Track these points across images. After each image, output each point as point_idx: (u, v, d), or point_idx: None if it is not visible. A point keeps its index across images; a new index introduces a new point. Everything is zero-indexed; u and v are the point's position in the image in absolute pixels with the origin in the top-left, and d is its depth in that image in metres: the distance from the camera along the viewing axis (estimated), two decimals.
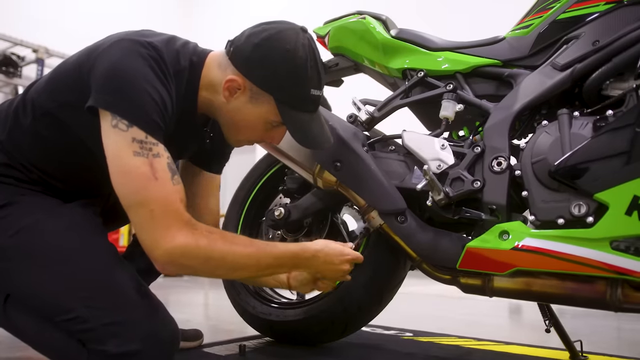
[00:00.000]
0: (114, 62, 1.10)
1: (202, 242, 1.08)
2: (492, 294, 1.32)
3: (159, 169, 1.07)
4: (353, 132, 1.55)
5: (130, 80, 1.08)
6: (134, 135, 1.06)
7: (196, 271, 1.13)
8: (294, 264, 1.26)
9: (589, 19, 1.36)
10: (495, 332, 2.33)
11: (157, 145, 1.09)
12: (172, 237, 1.05)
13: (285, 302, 1.79)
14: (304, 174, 1.60)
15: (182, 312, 2.68)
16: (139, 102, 1.08)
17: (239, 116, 1.24)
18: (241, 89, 1.20)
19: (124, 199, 1.07)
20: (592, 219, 1.17)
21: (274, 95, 1.20)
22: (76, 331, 1.13)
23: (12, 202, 1.20)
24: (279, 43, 1.18)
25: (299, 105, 1.22)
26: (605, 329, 2.56)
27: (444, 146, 1.43)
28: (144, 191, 1.05)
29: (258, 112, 1.22)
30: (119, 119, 1.06)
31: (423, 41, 1.65)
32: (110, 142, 1.07)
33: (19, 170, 1.24)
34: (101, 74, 1.10)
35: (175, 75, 1.19)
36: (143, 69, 1.11)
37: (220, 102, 1.24)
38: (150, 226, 1.05)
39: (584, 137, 1.22)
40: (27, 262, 1.15)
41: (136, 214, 1.06)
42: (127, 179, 1.06)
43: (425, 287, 4.51)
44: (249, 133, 1.28)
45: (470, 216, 1.35)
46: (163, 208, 1.05)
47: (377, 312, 1.69)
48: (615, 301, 1.19)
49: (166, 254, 1.06)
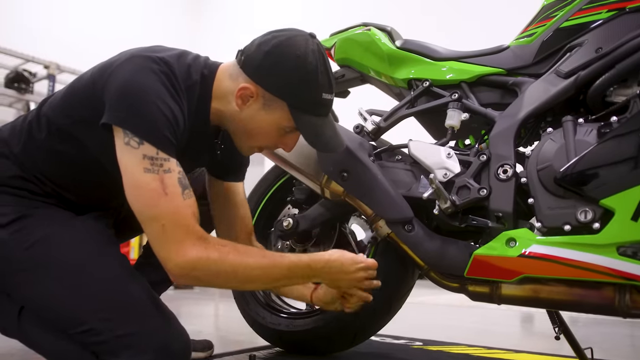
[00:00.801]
0: (127, 78, 1.13)
1: (213, 255, 1.11)
2: (500, 302, 1.33)
3: (169, 185, 1.09)
4: (359, 142, 1.56)
5: (141, 97, 1.11)
6: (145, 152, 1.09)
7: (209, 283, 1.18)
8: (307, 275, 1.26)
9: (592, 26, 1.37)
10: (505, 340, 2.32)
11: (168, 161, 1.11)
12: (183, 251, 1.08)
13: (294, 312, 1.80)
14: (311, 184, 1.62)
15: (193, 324, 2.69)
16: (150, 118, 1.10)
17: (252, 124, 1.25)
18: (254, 97, 1.22)
19: (138, 214, 1.11)
20: (598, 225, 1.17)
21: (287, 100, 1.21)
22: (90, 343, 1.14)
23: (27, 215, 1.21)
24: (290, 49, 1.20)
25: (311, 109, 1.23)
26: (617, 336, 2.54)
27: (450, 155, 1.44)
28: (155, 207, 1.08)
29: (271, 119, 1.23)
30: (131, 136, 1.09)
31: (428, 51, 1.67)
32: (123, 159, 1.11)
33: (33, 183, 1.26)
34: (114, 91, 1.13)
35: (187, 90, 1.22)
36: (155, 85, 1.13)
37: (232, 111, 1.25)
38: (162, 240, 1.09)
39: (589, 144, 1.23)
40: (42, 274, 1.17)
41: (149, 228, 1.10)
42: (139, 195, 1.09)
43: (434, 296, 4.49)
44: (261, 140, 1.29)
45: (477, 224, 1.36)
46: (174, 223, 1.08)
47: (386, 321, 1.69)
48: (623, 307, 1.19)
49: (178, 267, 1.09)
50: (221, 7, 9.20)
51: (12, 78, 6.48)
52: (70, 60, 6.61)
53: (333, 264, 1.26)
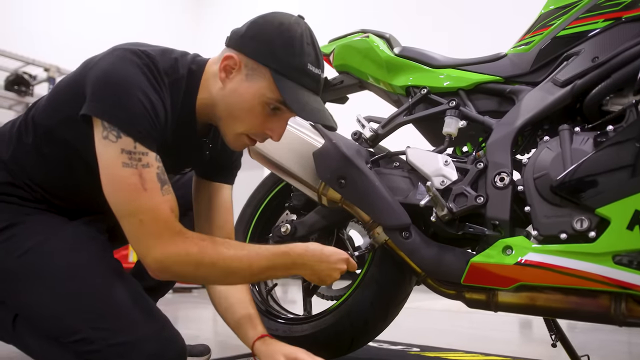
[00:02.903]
0: (106, 69, 1.12)
1: (192, 249, 1.10)
2: (497, 309, 1.33)
3: (147, 180, 1.09)
4: (356, 149, 1.57)
5: (120, 87, 1.09)
6: (122, 146, 1.07)
7: (189, 278, 1.17)
8: (287, 264, 1.22)
9: (589, 35, 1.38)
10: (503, 346, 2.33)
11: (146, 155, 1.10)
12: (162, 246, 1.08)
13: (291, 318, 1.80)
14: (308, 192, 1.62)
15: (191, 328, 2.69)
16: (128, 109, 1.09)
17: (236, 98, 1.20)
18: (237, 66, 1.19)
19: (115, 209, 1.10)
20: (594, 233, 1.18)
21: (270, 65, 1.16)
22: (83, 352, 1.14)
23: (17, 222, 1.21)
24: (274, 18, 1.20)
25: (296, 77, 1.18)
26: (614, 343, 2.54)
27: (447, 162, 1.44)
28: (133, 202, 1.08)
29: (255, 89, 1.18)
30: (109, 129, 1.07)
31: (426, 59, 1.67)
32: (101, 154, 1.10)
33: (23, 189, 1.25)
34: (93, 82, 1.11)
35: (172, 85, 1.20)
36: (135, 76, 1.11)
37: (217, 91, 1.22)
38: (140, 235, 1.09)
39: (585, 153, 1.23)
40: (33, 283, 1.17)
41: (127, 224, 1.09)
42: (117, 190, 1.09)
43: (432, 301, 4.49)
44: (246, 120, 1.22)
45: (474, 231, 1.36)
46: (152, 218, 1.08)
47: (384, 327, 1.70)
48: (619, 315, 1.19)
49: (157, 262, 1.09)
50: (222, 7, 9.23)
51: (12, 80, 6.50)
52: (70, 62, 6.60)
53: (313, 252, 1.24)
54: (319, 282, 1.29)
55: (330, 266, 1.26)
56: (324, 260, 1.26)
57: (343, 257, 1.29)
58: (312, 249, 1.25)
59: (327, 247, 1.28)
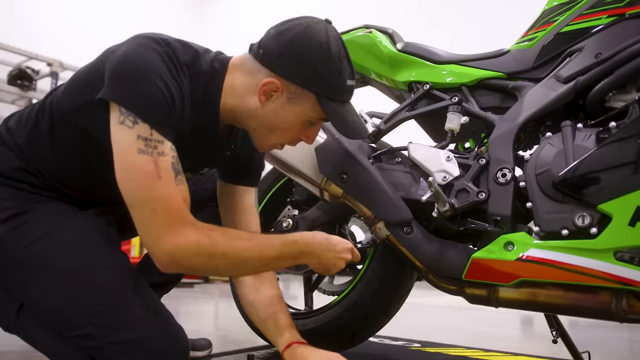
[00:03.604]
0: (125, 55, 1.10)
1: (203, 240, 1.08)
2: (498, 305, 1.33)
3: (162, 168, 1.06)
4: (358, 144, 1.57)
5: (139, 73, 1.08)
6: (139, 133, 1.05)
7: (199, 270, 1.14)
8: (295, 254, 1.23)
9: (592, 32, 1.38)
10: (504, 343, 2.33)
11: (162, 144, 1.08)
12: (173, 237, 1.05)
13: (292, 313, 1.81)
14: (310, 187, 1.62)
15: (192, 323, 2.70)
16: (146, 95, 1.07)
17: (277, 119, 1.21)
18: (279, 91, 1.17)
19: (127, 197, 1.07)
20: (595, 229, 1.18)
21: (315, 91, 1.17)
22: (85, 347, 1.14)
23: (27, 210, 1.20)
24: (312, 37, 1.16)
25: (338, 97, 1.20)
26: (616, 340, 2.54)
27: (449, 158, 1.44)
28: (147, 190, 1.05)
29: (298, 111, 1.20)
30: (126, 114, 1.05)
31: (429, 54, 1.67)
32: (117, 139, 1.07)
33: (35, 176, 1.24)
34: (111, 67, 1.10)
35: (192, 77, 1.18)
36: (154, 62, 1.10)
37: (252, 107, 1.21)
38: (151, 225, 1.06)
39: (587, 149, 1.23)
40: (39, 275, 1.16)
41: (138, 213, 1.06)
42: (130, 177, 1.06)
43: (433, 298, 4.50)
44: (285, 135, 1.25)
45: (476, 227, 1.36)
46: (165, 208, 1.05)
47: (385, 323, 1.70)
48: (620, 311, 1.19)
49: (167, 253, 1.06)
50: (224, 3, 9.21)
51: (15, 75, 6.51)
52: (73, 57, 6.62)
53: (320, 240, 1.25)
54: (325, 271, 1.30)
55: (336, 255, 1.27)
56: (330, 249, 1.26)
57: (348, 247, 1.29)
58: (319, 238, 1.25)
59: (333, 237, 1.28)
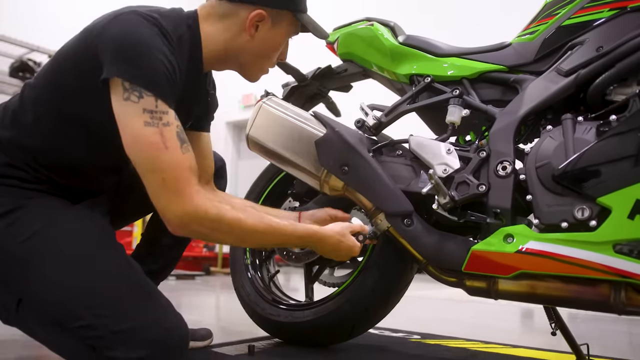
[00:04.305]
0: (121, 33, 1.13)
1: (211, 211, 1.14)
2: (497, 297, 1.34)
3: (168, 138, 1.11)
4: (359, 137, 1.57)
5: (139, 49, 1.12)
6: (144, 106, 1.10)
7: (205, 237, 1.20)
8: (301, 244, 1.38)
9: (593, 25, 1.37)
10: (503, 335, 2.34)
11: (167, 114, 1.13)
12: (182, 204, 1.11)
13: (293, 304, 1.82)
14: (310, 181, 1.62)
15: (194, 314, 2.72)
16: (149, 68, 1.12)
17: (267, 44, 1.35)
18: (264, 19, 1.31)
19: (137, 166, 1.12)
20: (595, 222, 1.18)
21: (291, 8, 1.34)
22: (86, 337, 1.15)
23: (20, 206, 1.21)
24: None
25: (304, 8, 1.39)
26: (615, 333, 2.56)
27: (449, 151, 1.45)
28: (155, 160, 1.10)
29: (283, 31, 1.36)
30: (130, 90, 1.10)
31: (430, 47, 1.67)
32: (123, 116, 1.12)
33: (23, 170, 1.24)
34: (109, 46, 1.13)
35: (178, 42, 1.24)
36: (151, 37, 1.15)
37: (242, 43, 1.33)
38: (161, 192, 1.11)
39: (587, 142, 1.23)
40: (37, 269, 1.17)
41: (149, 180, 1.12)
42: (139, 149, 1.11)
43: (434, 290, 4.51)
44: (273, 57, 1.40)
45: (476, 220, 1.37)
46: (173, 176, 1.10)
47: (384, 314, 1.71)
48: (618, 304, 1.20)
49: (177, 218, 1.12)
50: None
51: (16, 67, 6.52)
52: None
53: (332, 243, 1.37)
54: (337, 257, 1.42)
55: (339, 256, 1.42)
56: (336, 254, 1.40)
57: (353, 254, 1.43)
58: (331, 242, 1.38)
59: (345, 242, 1.40)
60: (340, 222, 1.46)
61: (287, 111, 1.62)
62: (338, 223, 1.44)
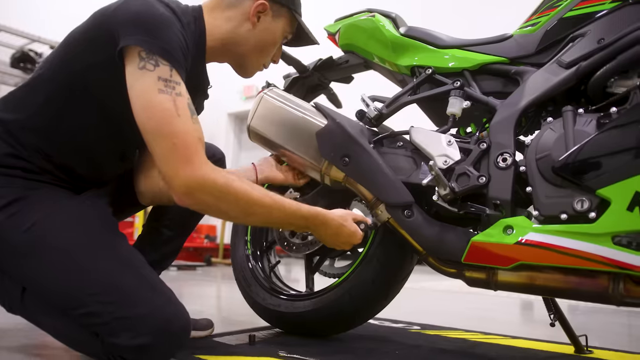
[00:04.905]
0: (137, 10, 1.17)
1: (219, 180, 1.15)
2: (497, 288, 1.35)
3: (180, 107, 1.13)
4: (360, 128, 1.58)
5: (156, 21, 1.16)
6: (159, 74, 1.12)
7: (210, 207, 1.18)
8: (305, 226, 1.36)
9: (595, 17, 1.37)
10: (503, 326, 2.35)
11: (179, 85, 1.15)
12: (191, 170, 1.11)
13: (294, 294, 1.83)
14: (311, 172, 1.63)
15: (195, 304, 2.73)
16: (167, 38, 1.15)
17: (267, 35, 1.43)
18: (266, 10, 1.39)
19: (147, 133, 1.13)
20: (594, 214, 1.19)
21: (289, 6, 1.44)
22: (90, 324, 1.17)
23: (23, 196, 1.22)
24: None
25: (300, 11, 1.49)
26: (614, 325, 2.57)
27: (450, 142, 1.45)
28: (168, 125, 1.11)
29: (281, 26, 1.45)
30: (146, 59, 1.12)
31: (431, 39, 1.67)
32: (137, 83, 1.13)
33: (26, 160, 1.25)
34: (125, 21, 1.16)
35: (187, 28, 1.28)
36: (166, 14, 1.19)
37: (244, 32, 1.40)
38: (171, 158, 1.11)
39: (588, 134, 1.24)
40: (40, 258, 1.19)
41: (159, 146, 1.12)
42: (151, 114, 1.11)
43: (435, 282, 4.53)
44: (269, 52, 1.48)
45: (476, 211, 1.37)
46: (184, 143, 1.11)
47: (384, 305, 1.72)
48: (617, 295, 1.20)
49: (184, 185, 1.12)
50: None
51: (18, 58, 6.52)
52: None
53: (332, 222, 1.38)
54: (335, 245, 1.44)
55: (339, 244, 1.43)
56: (338, 237, 1.41)
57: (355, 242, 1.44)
58: (334, 225, 1.39)
59: (346, 227, 1.41)
60: (342, 209, 1.47)
61: (288, 102, 1.63)
62: (340, 209, 1.45)
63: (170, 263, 1.74)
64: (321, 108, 1.62)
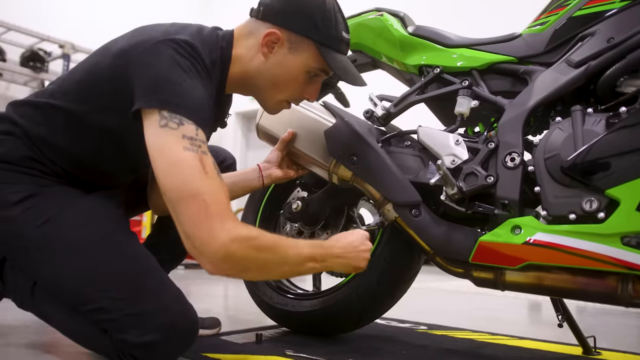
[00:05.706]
0: (160, 67, 1.11)
1: (253, 232, 1.08)
2: (504, 288, 1.34)
3: (207, 164, 1.06)
4: (368, 127, 1.58)
5: (179, 82, 1.10)
6: (184, 133, 1.06)
7: (249, 264, 1.08)
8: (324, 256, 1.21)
9: (605, 16, 1.36)
10: (510, 327, 2.34)
11: (205, 144, 1.10)
12: (227, 230, 1.02)
13: (301, 293, 1.83)
14: (319, 171, 1.63)
15: (202, 302, 2.74)
16: (192, 98, 1.10)
17: (281, 70, 1.27)
18: (280, 41, 1.24)
19: (172, 192, 1.04)
20: (603, 214, 1.18)
21: (314, 38, 1.25)
22: (99, 320, 1.18)
23: (38, 192, 1.23)
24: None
25: (335, 46, 1.28)
26: (623, 327, 2.55)
27: (458, 142, 1.44)
28: (196, 183, 1.03)
29: (300, 61, 1.27)
30: (169, 118, 1.06)
31: (440, 38, 1.67)
32: (159, 141, 1.06)
33: (43, 164, 1.27)
34: (148, 79, 1.10)
35: (212, 68, 1.22)
36: (190, 70, 1.13)
37: (257, 64, 1.27)
38: (203, 218, 1.02)
39: (597, 134, 1.23)
40: (52, 253, 1.20)
41: (186, 207, 1.02)
42: (177, 172, 1.04)
43: (442, 282, 4.52)
44: (289, 88, 1.31)
45: (483, 211, 1.37)
46: (215, 200, 1.03)
47: (391, 305, 1.72)
48: (626, 296, 1.20)
49: (222, 246, 1.02)
50: None
51: (27, 57, 6.55)
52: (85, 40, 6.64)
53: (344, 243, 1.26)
54: (353, 270, 1.29)
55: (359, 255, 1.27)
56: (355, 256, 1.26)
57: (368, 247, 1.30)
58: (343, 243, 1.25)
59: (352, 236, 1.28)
60: None
61: None
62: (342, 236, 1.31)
63: (180, 262, 1.74)
64: (330, 107, 1.63)
